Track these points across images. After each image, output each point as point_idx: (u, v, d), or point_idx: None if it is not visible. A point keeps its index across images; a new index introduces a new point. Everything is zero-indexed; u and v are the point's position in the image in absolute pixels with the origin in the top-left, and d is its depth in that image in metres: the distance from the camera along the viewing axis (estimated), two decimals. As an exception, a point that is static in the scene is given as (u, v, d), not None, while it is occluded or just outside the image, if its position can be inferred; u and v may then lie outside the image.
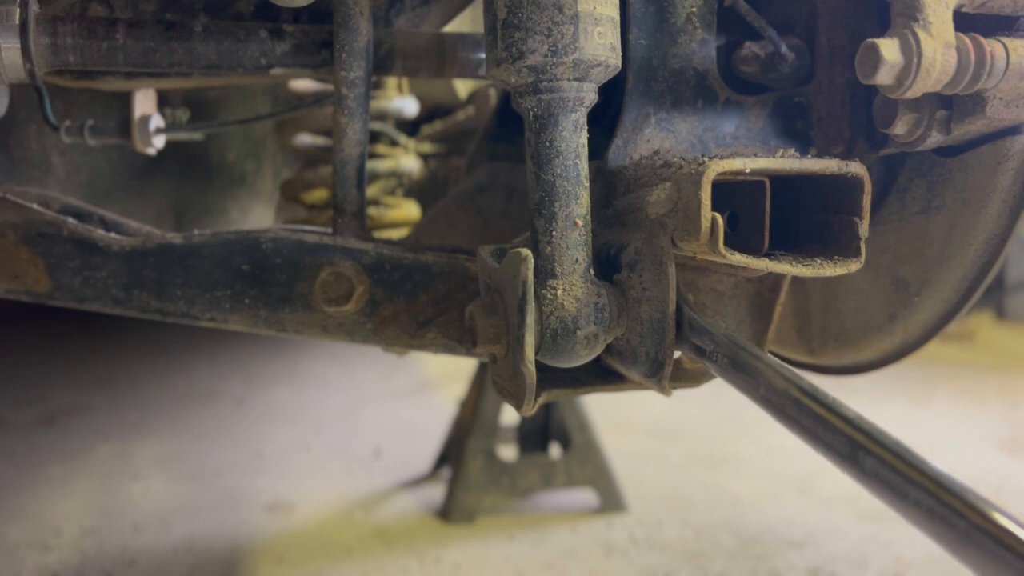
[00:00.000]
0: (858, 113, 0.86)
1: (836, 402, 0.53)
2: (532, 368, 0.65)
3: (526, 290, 0.64)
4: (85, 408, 3.04)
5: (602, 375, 0.82)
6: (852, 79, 0.80)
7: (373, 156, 1.78)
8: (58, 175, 1.41)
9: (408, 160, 1.81)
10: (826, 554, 1.97)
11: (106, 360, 3.80)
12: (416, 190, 1.97)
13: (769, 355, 0.61)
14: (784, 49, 0.85)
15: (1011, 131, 0.81)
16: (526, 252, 0.65)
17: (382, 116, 1.73)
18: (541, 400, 0.76)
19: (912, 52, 0.70)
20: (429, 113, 2.01)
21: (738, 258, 0.66)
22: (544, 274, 0.69)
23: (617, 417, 2.86)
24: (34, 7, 0.82)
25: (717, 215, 0.64)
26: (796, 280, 0.95)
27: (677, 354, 0.75)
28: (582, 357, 0.70)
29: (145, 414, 2.99)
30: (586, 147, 0.70)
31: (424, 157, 2.00)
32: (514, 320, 0.66)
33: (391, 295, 0.84)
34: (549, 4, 0.65)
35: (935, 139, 0.80)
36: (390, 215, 1.77)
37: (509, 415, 2.25)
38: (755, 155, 0.68)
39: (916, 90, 0.72)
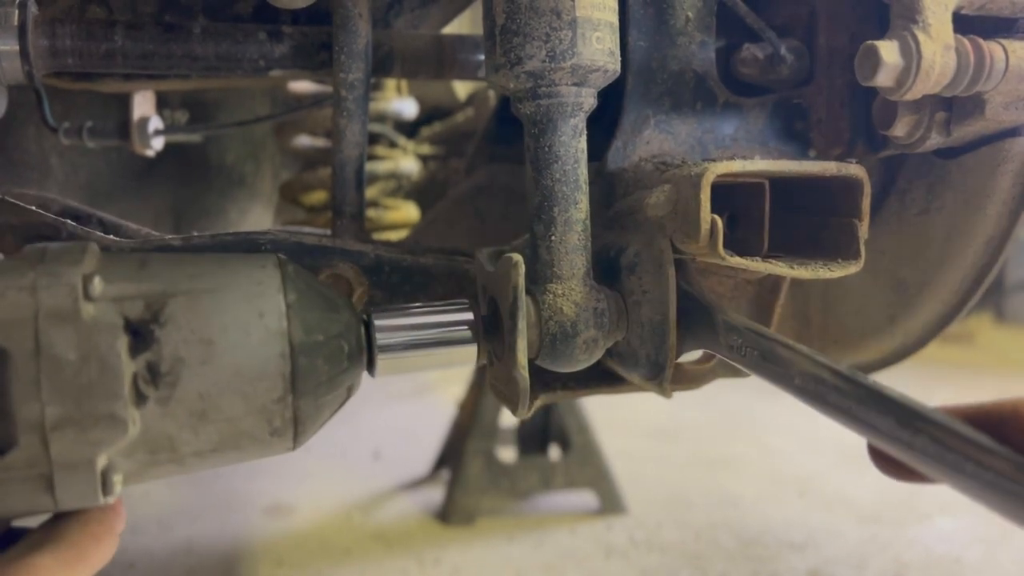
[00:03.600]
0: (857, 115, 0.86)
1: (878, 384, 0.52)
2: (525, 373, 0.65)
3: (517, 296, 0.64)
4: (84, 410, 3.04)
5: (601, 377, 0.81)
6: (851, 81, 0.80)
7: (372, 158, 1.78)
8: (57, 177, 1.41)
9: (407, 162, 1.81)
10: (826, 556, 1.97)
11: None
12: (415, 192, 1.97)
13: (801, 345, 0.60)
14: (783, 51, 0.85)
15: (1010, 133, 0.82)
16: (517, 257, 0.64)
17: (381, 118, 1.73)
18: (539, 402, 0.76)
19: (912, 54, 0.70)
20: (428, 115, 2.01)
21: (737, 260, 0.66)
22: (543, 279, 0.69)
23: (617, 418, 2.86)
24: (33, 9, 0.82)
25: (716, 217, 0.64)
26: (795, 282, 0.95)
27: (696, 356, 0.75)
28: (581, 362, 0.70)
29: (144, 416, 2.99)
30: (585, 152, 0.70)
31: (423, 159, 2.00)
32: (507, 325, 0.66)
33: (390, 297, 0.84)
34: (547, 10, 0.65)
35: (935, 141, 0.80)
36: (389, 217, 1.77)
37: (508, 417, 2.25)
38: (754, 157, 0.68)
39: (916, 92, 0.72)
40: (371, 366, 0.65)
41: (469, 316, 0.67)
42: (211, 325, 0.55)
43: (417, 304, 0.68)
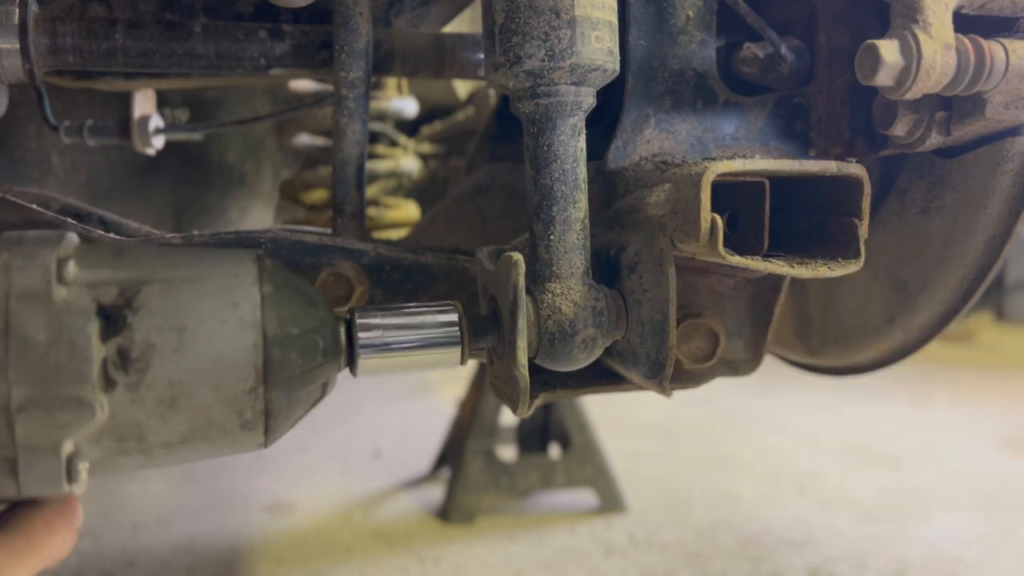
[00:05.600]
0: (858, 114, 0.86)
1: None
2: (525, 372, 0.65)
3: (517, 295, 0.64)
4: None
5: (601, 376, 0.82)
6: (852, 80, 0.80)
7: (373, 156, 1.78)
8: (57, 175, 1.41)
9: (408, 160, 1.81)
10: (825, 554, 1.97)
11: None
12: (416, 190, 1.97)
13: None
14: (784, 50, 0.85)
15: (1010, 132, 0.81)
16: (517, 256, 0.64)
17: (382, 116, 1.73)
18: (539, 401, 0.76)
19: (912, 53, 0.70)
20: (429, 113, 2.01)
21: (738, 259, 0.66)
22: (542, 278, 0.69)
23: (617, 417, 2.86)
24: (33, 7, 0.82)
25: (717, 216, 0.64)
26: (795, 281, 0.95)
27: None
28: (580, 361, 0.70)
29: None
30: (584, 151, 0.70)
31: (424, 157, 2.00)
32: (507, 324, 0.66)
33: (391, 296, 0.84)
34: (546, 9, 0.65)
35: (935, 140, 0.80)
36: (390, 215, 1.78)
37: (508, 416, 2.25)
38: (755, 156, 0.68)
39: (916, 91, 0.72)
40: (352, 365, 0.65)
41: (454, 317, 0.67)
42: (184, 313, 0.55)
43: (402, 304, 0.68)
